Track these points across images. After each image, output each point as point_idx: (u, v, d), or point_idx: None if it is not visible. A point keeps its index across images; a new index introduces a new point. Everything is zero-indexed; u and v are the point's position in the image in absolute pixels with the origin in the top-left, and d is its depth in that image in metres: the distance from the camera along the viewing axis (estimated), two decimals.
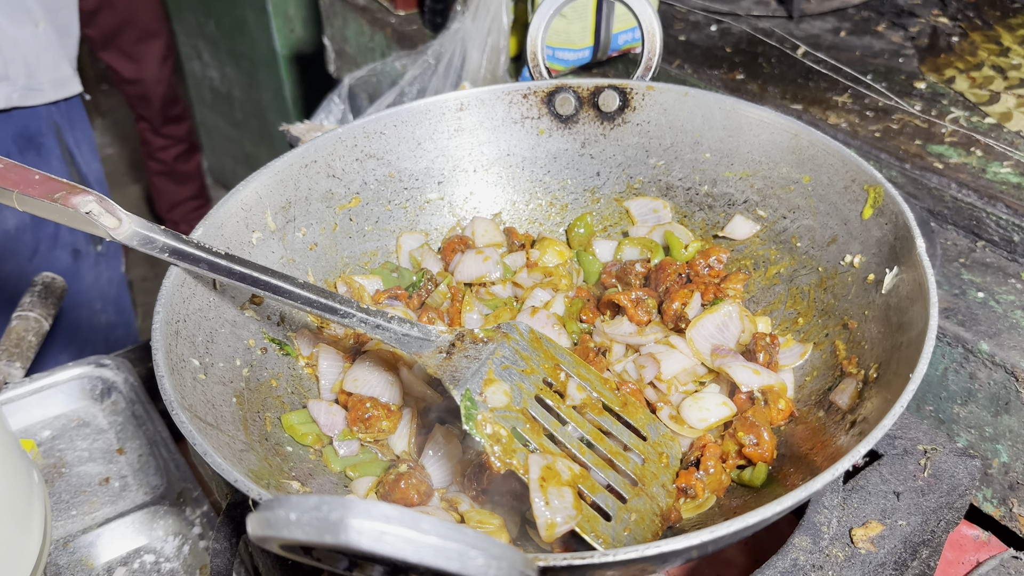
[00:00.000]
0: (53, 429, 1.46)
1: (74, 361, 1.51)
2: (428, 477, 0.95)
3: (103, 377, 1.51)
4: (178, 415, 0.80)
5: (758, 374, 0.96)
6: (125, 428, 1.45)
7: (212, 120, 4.51)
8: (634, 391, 0.99)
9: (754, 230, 1.15)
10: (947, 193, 1.43)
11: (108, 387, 1.51)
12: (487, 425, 0.83)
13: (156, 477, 1.35)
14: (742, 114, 1.14)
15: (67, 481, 1.37)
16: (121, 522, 1.28)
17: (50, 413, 1.48)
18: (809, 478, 0.82)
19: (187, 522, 1.31)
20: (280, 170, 1.13)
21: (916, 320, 0.83)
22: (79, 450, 1.42)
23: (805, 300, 1.07)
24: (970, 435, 1.26)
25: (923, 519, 0.98)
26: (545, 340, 0.95)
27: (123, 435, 1.44)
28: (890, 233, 0.95)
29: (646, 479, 0.88)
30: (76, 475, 1.37)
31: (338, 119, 2.12)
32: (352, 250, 1.22)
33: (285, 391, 1.04)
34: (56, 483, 1.36)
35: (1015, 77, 1.77)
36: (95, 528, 1.27)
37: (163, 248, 0.96)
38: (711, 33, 1.98)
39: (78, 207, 0.95)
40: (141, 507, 1.30)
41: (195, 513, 1.32)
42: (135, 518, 1.29)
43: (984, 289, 1.31)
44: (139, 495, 1.33)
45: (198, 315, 0.98)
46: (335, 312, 0.93)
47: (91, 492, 1.35)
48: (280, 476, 0.88)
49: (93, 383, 1.51)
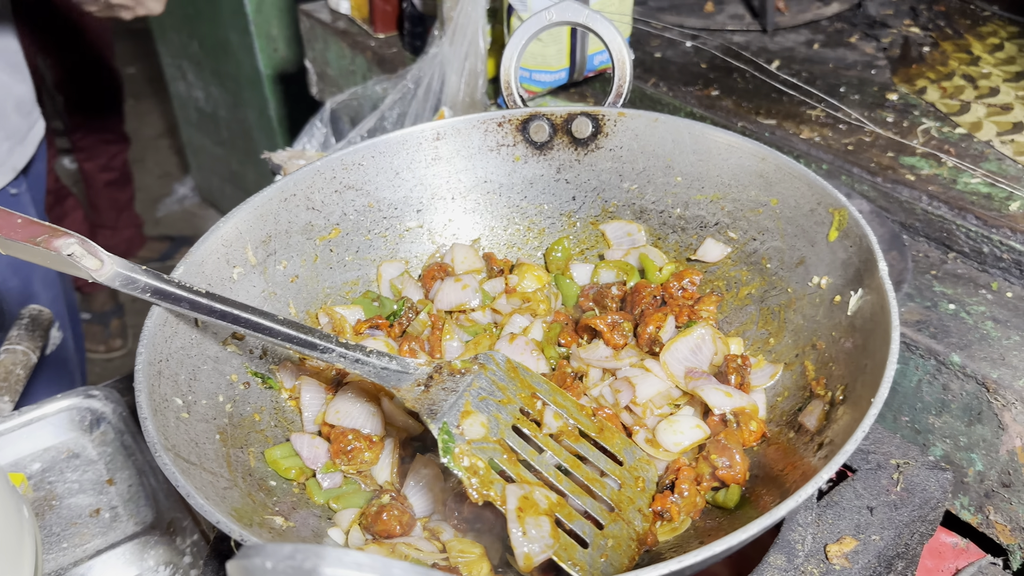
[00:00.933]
0: (43, 462, 1.47)
1: (63, 393, 1.52)
2: (410, 507, 0.97)
3: (92, 408, 1.52)
4: (161, 457, 0.81)
5: (730, 396, 0.98)
6: (115, 458, 1.46)
7: (198, 140, 4.53)
8: (610, 416, 1.01)
9: (725, 252, 1.17)
10: (918, 206, 1.45)
11: (97, 418, 1.52)
12: (464, 458, 0.85)
13: (146, 507, 1.37)
14: (711, 139, 1.16)
15: (58, 514, 1.38)
16: (112, 553, 1.29)
17: (40, 446, 1.49)
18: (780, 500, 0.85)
19: (178, 552, 1.32)
20: (259, 204, 1.15)
21: (879, 344, 0.86)
22: (69, 482, 1.43)
23: (776, 320, 1.09)
24: (946, 445, 1.29)
25: (896, 533, 1.01)
26: (522, 369, 0.97)
27: (113, 465, 1.45)
28: (855, 256, 0.98)
29: (623, 504, 0.90)
30: (67, 507, 1.38)
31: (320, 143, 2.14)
32: (333, 281, 1.24)
33: (268, 424, 1.06)
34: (47, 516, 1.37)
35: (984, 86, 1.80)
36: (86, 560, 1.28)
37: (145, 288, 0.97)
38: (687, 49, 2.01)
39: (60, 250, 0.97)
40: (132, 538, 1.31)
41: (185, 543, 1.33)
42: (126, 549, 1.30)
43: (955, 301, 1.34)
44: (130, 526, 1.34)
45: (180, 353, 0.99)
46: (315, 348, 0.95)
47: (82, 524, 1.36)
48: (263, 512, 0.89)
49: (82, 414, 1.52)
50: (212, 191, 4.78)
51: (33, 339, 1.64)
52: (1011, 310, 1.31)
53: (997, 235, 1.37)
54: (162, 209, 5.12)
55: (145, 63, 6.10)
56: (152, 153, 5.67)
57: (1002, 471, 1.23)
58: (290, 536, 0.88)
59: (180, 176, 5.33)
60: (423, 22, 2.11)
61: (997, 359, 1.22)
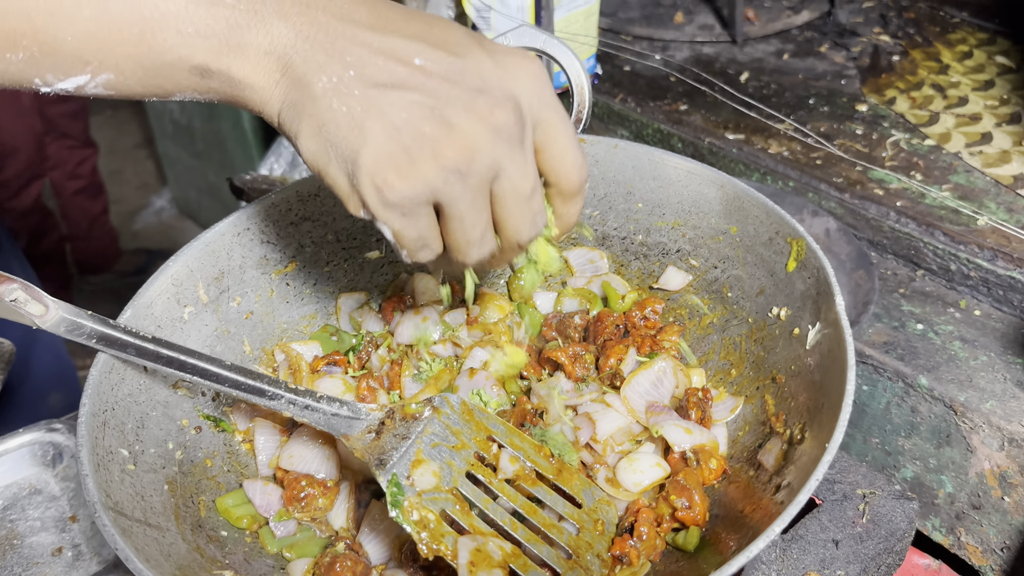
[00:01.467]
0: (4, 499, 1.44)
1: (24, 427, 1.49)
2: (366, 555, 0.95)
3: (54, 442, 1.49)
4: (100, 518, 0.79)
5: (690, 433, 0.97)
6: (78, 494, 1.43)
7: (174, 152, 4.49)
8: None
9: (687, 280, 1.15)
10: (885, 224, 1.44)
11: (59, 452, 1.49)
12: (414, 512, 0.83)
13: (108, 546, 1.34)
14: (670, 165, 1.14)
15: (19, 553, 1.35)
16: None
17: (1, 482, 1.46)
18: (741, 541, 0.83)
19: None
20: (211, 241, 1.13)
21: (835, 382, 0.84)
22: (31, 519, 1.41)
23: (737, 351, 1.07)
24: (916, 467, 1.27)
25: (862, 567, 0.99)
26: (477, 411, 0.95)
27: (76, 502, 1.42)
28: (812, 287, 0.96)
29: (581, 550, 0.88)
30: (28, 546, 1.36)
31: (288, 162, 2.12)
32: (290, 315, 1.21)
33: (221, 470, 1.03)
34: (8, 556, 1.35)
35: (954, 95, 1.80)
36: None
37: (91, 334, 0.95)
38: (656, 63, 1.99)
39: (3, 296, 0.94)
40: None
41: None
42: None
43: (923, 320, 1.32)
44: (92, 564, 1.32)
45: (127, 400, 0.97)
46: (263, 394, 0.93)
47: (44, 564, 1.34)
48: (212, 567, 0.87)
49: (44, 448, 1.48)
50: (189, 203, 4.74)
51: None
52: (979, 329, 1.30)
53: (964, 252, 1.36)
54: (140, 221, 5.07)
55: None
56: (131, 164, 5.62)
57: (972, 493, 1.22)
58: None
59: (158, 188, 5.29)
60: None
61: (964, 381, 1.21)
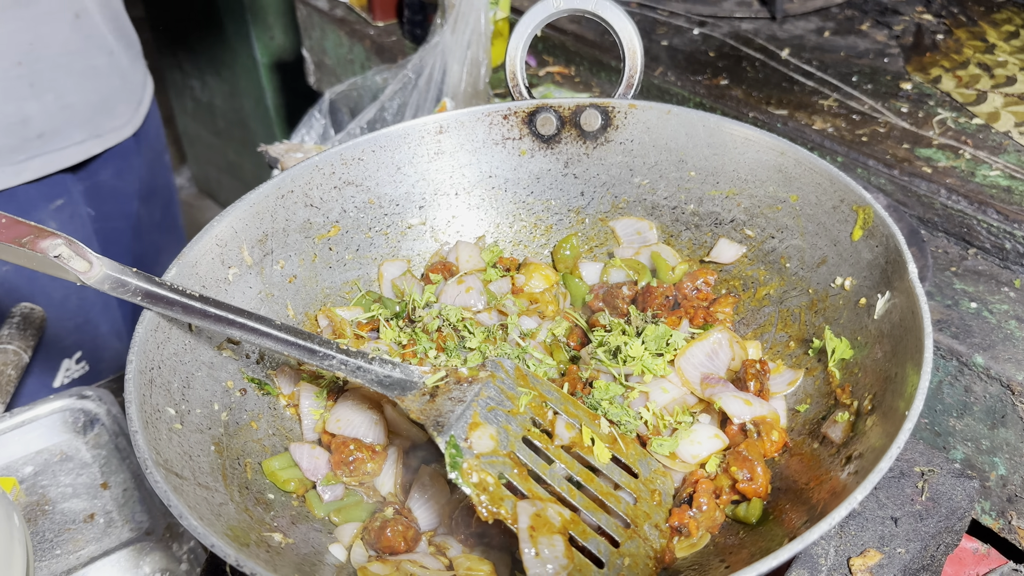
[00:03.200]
0: (35, 465, 1.43)
1: (55, 394, 1.48)
2: (415, 521, 0.92)
3: (85, 409, 1.48)
4: (152, 474, 0.77)
5: (750, 404, 0.94)
6: (109, 461, 1.42)
7: (194, 130, 4.47)
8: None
9: (740, 252, 1.12)
10: (937, 200, 1.41)
11: (91, 419, 1.48)
12: (473, 474, 0.81)
13: (142, 512, 1.33)
14: (726, 132, 1.11)
15: (51, 519, 1.34)
16: (107, 560, 1.26)
17: (32, 448, 1.45)
18: (806, 516, 0.80)
19: (174, 559, 1.29)
20: (255, 202, 1.11)
21: (910, 351, 0.81)
22: (63, 486, 1.39)
23: (796, 323, 1.04)
24: (967, 448, 1.24)
25: (922, 545, 0.97)
26: (531, 376, 0.93)
27: (107, 469, 1.41)
28: (881, 256, 0.93)
29: (638, 519, 0.86)
30: (60, 512, 1.35)
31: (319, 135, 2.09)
32: (332, 280, 1.19)
33: (266, 433, 1.01)
34: (39, 521, 1.33)
35: (1001, 75, 1.75)
36: (80, 568, 1.24)
37: (135, 291, 0.93)
38: (694, 37, 1.95)
39: (47, 251, 0.92)
40: (127, 544, 1.27)
41: (182, 549, 1.29)
42: (121, 556, 1.26)
43: (977, 299, 1.29)
44: (124, 531, 1.30)
45: (173, 360, 0.95)
46: (314, 354, 0.90)
47: (76, 530, 1.32)
48: (261, 528, 0.85)
49: (75, 415, 1.47)
50: (209, 182, 4.72)
51: (24, 338, 1.60)
52: None
53: (1019, 230, 1.32)
54: None
55: None
56: None
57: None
58: (288, 554, 0.84)
59: (178, 166, 5.27)
60: (423, 9, 2.05)
61: (1022, 360, 1.18)
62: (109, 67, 1.88)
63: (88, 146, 1.90)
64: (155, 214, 2.21)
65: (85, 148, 1.89)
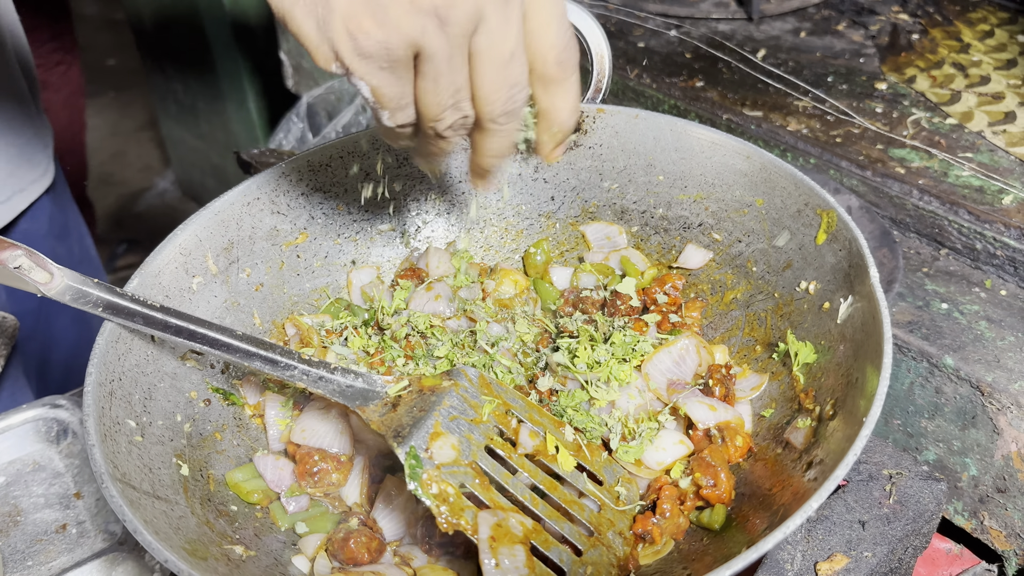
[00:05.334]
0: (7, 475, 1.42)
1: (28, 403, 1.47)
2: (380, 531, 0.92)
3: (58, 418, 1.46)
4: (108, 488, 0.76)
5: (714, 410, 0.94)
6: (82, 471, 1.40)
7: (178, 133, 4.45)
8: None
9: (707, 257, 1.12)
10: (909, 201, 1.41)
11: (64, 428, 1.46)
12: (433, 484, 0.80)
13: (114, 522, 1.32)
14: (693, 136, 1.11)
15: (22, 530, 1.33)
16: (79, 571, 1.24)
17: (4, 458, 1.43)
18: (768, 522, 0.80)
19: (147, 568, 1.27)
20: (220, 210, 1.10)
21: (870, 356, 0.81)
22: (35, 496, 1.38)
23: (763, 327, 1.04)
24: (939, 449, 1.25)
25: (890, 549, 0.96)
26: (495, 384, 0.92)
27: (80, 478, 1.40)
28: (844, 260, 0.93)
29: (602, 527, 0.85)
30: (32, 523, 1.33)
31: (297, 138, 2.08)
32: (300, 288, 1.18)
33: (231, 444, 1.01)
34: (11, 532, 1.32)
35: (975, 75, 1.76)
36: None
37: (97, 303, 0.92)
38: (671, 39, 1.95)
39: (7, 262, 0.91)
40: (100, 554, 1.26)
41: (155, 559, 1.28)
42: (94, 566, 1.25)
43: (948, 300, 1.29)
44: (97, 542, 1.29)
45: (135, 371, 0.94)
46: (276, 365, 0.90)
47: (48, 540, 1.31)
48: (222, 542, 0.84)
49: (48, 425, 1.46)
50: (193, 185, 4.70)
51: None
52: (1005, 309, 1.27)
53: (990, 231, 1.32)
54: (143, 203, 5.04)
55: (125, 54, 5.98)
56: (134, 146, 5.57)
57: (997, 476, 1.19)
58: (250, 567, 0.83)
59: (161, 170, 5.25)
60: None
61: (992, 361, 1.18)
62: (23, 115, 1.67)
63: (14, 203, 1.67)
64: (73, 250, 2.00)
65: (11, 207, 1.66)
